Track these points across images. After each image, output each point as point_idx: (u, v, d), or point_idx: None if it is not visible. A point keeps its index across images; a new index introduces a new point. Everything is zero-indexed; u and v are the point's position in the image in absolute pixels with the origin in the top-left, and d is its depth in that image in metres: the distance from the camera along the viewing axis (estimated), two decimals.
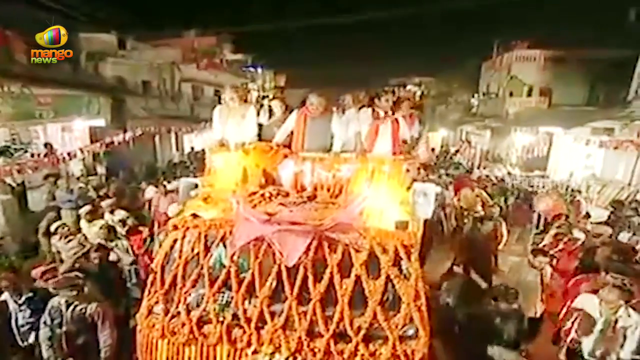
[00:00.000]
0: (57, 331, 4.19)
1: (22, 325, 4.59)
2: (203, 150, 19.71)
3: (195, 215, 3.84)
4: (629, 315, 3.94)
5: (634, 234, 6.90)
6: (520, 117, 22.08)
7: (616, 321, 3.97)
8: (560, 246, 6.07)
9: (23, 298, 4.57)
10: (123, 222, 7.42)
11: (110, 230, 6.48)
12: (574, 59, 21.46)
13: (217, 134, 5.14)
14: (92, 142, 12.11)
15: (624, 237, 6.69)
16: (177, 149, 21.41)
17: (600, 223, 7.67)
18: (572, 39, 20.97)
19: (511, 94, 24.72)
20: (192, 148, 21.06)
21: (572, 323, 4.33)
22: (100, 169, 13.39)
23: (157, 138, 18.25)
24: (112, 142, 10.60)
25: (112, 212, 7.74)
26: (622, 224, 7.55)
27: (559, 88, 23.13)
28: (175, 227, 3.80)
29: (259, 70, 33.42)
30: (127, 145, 11.92)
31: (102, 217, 7.53)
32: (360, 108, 4.91)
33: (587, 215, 8.26)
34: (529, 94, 24.47)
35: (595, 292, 4.27)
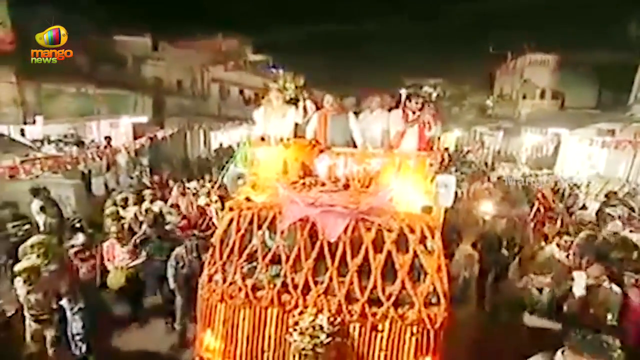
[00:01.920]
0: (181, 272, 5.32)
1: (75, 335, 4.98)
2: (230, 146, 20.37)
3: (248, 199, 4.35)
4: (611, 288, 4.48)
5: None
6: (532, 119, 22.25)
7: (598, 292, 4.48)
8: None
9: (76, 308, 4.90)
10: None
11: (156, 217, 7.03)
12: (584, 63, 21.43)
13: (259, 130, 5.62)
14: (135, 137, 12.88)
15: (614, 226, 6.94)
16: (205, 145, 22.08)
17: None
18: (582, 44, 20.94)
19: (524, 97, 24.78)
20: (221, 144, 21.65)
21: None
22: (145, 161, 14.19)
23: (187, 134, 18.93)
24: (155, 137, 11.32)
25: (151, 201, 8.22)
26: (610, 212, 8.06)
27: (570, 91, 23.10)
28: (231, 209, 4.31)
29: (280, 71, 33.89)
30: (164, 140, 12.61)
31: (135, 204, 8.08)
32: (390, 110, 5.30)
33: (584, 207, 9.07)
34: (542, 97, 24.48)
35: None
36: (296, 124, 5.61)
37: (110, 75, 13.52)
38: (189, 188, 9.56)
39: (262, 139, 5.37)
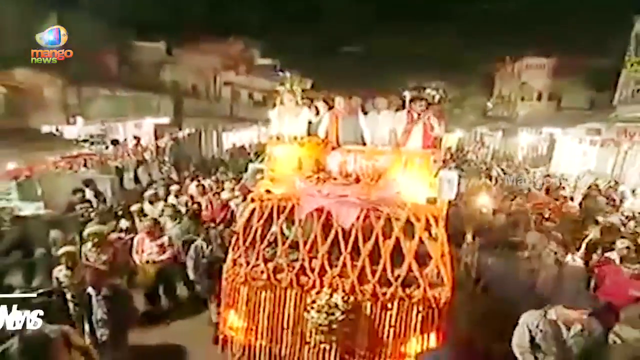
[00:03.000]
0: (201, 262, 5.43)
1: (98, 321, 4.93)
2: (242, 146, 20.67)
3: (268, 191, 4.60)
4: (574, 260, 5.04)
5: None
6: (528, 119, 22.52)
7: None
8: None
9: (101, 295, 4.86)
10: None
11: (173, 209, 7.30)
12: (578, 67, 21.66)
13: (275, 129, 5.82)
14: (156, 137, 13.45)
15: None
16: (218, 145, 22.35)
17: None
18: (577, 49, 21.07)
19: (522, 99, 25.04)
20: (234, 144, 21.91)
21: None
22: (167, 159, 14.80)
23: (202, 135, 19.29)
24: (177, 137, 11.96)
25: (177, 196, 8.53)
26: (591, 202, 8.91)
27: (565, 93, 23.32)
28: (253, 200, 4.57)
29: (287, 74, 33.94)
30: (183, 140, 13.10)
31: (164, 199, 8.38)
32: (396, 110, 5.48)
33: (571, 199, 9.80)
34: (539, 99, 24.69)
35: None
36: (310, 124, 5.79)
37: (135, 79, 14.12)
38: (204, 186, 9.84)
39: (277, 137, 5.58)
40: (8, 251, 5.74)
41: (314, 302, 3.90)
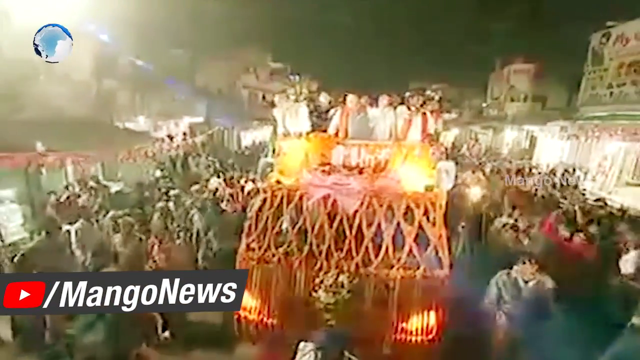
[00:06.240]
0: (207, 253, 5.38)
1: None
2: (260, 142, 20.67)
3: (278, 182, 4.44)
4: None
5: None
6: (515, 118, 22.66)
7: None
8: None
9: None
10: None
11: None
12: (557, 72, 21.65)
13: (281, 127, 5.59)
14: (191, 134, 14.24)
15: None
16: (237, 142, 22.26)
17: None
18: (555, 55, 21.01)
19: (512, 100, 24.96)
20: (253, 141, 21.84)
21: None
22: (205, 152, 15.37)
23: (225, 133, 19.43)
24: (212, 134, 13.12)
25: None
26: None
27: (548, 94, 23.29)
28: (265, 191, 4.40)
29: (297, 77, 33.59)
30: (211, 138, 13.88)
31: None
32: (396, 107, 5.27)
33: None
34: (525, 100, 24.57)
35: None
36: (317, 120, 5.55)
37: (178, 84, 15.06)
38: (226, 179, 9.76)
39: (284, 134, 5.35)
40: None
41: (321, 282, 3.73)
